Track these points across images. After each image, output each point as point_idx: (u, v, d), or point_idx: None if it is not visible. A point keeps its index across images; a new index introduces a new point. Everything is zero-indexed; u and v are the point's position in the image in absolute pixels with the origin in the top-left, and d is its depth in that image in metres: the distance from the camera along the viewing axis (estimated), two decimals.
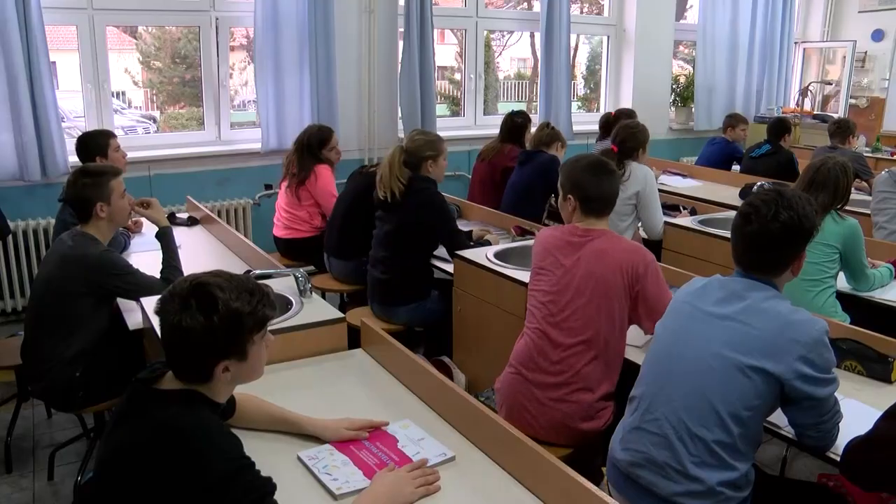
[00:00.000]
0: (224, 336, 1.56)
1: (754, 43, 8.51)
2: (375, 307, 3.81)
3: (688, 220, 4.41)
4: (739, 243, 2.08)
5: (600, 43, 8.02)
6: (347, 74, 5.91)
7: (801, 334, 1.92)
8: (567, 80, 7.05)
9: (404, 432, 2.01)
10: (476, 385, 3.48)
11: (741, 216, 2.07)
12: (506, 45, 8.92)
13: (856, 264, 3.32)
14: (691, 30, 8.27)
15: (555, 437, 2.57)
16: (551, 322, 2.60)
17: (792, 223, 2.00)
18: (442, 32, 8.10)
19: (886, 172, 4.52)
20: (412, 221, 3.66)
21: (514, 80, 9.48)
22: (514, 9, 7.98)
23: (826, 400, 1.95)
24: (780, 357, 1.91)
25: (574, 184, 2.66)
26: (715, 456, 1.97)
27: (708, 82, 8.23)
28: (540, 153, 4.71)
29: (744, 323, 1.98)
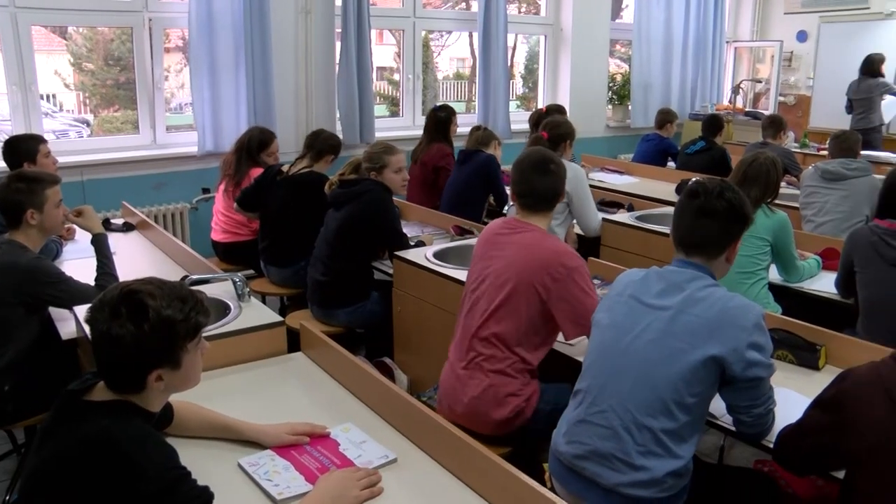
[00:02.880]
0: (156, 344, 1.53)
1: (688, 42, 8.70)
2: (315, 310, 3.79)
3: (625, 217, 4.49)
4: (684, 217, 2.15)
5: (538, 42, 8.10)
6: (285, 76, 5.86)
7: (741, 318, 1.99)
8: (505, 80, 7.10)
9: (346, 436, 2.01)
10: (418, 385, 3.49)
11: (687, 194, 2.17)
12: (445, 45, 8.94)
13: (786, 256, 3.42)
14: (627, 29, 8.40)
15: (475, 425, 2.57)
16: (472, 311, 2.63)
17: (736, 203, 2.11)
18: (380, 33, 8.09)
19: (813, 167, 4.67)
20: (358, 220, 3.66)
21: (454, 80, 9.50)
22: (452, 9, 8.00)
23: (762, 382, 2.02)
24: (724, 340, 1.97)
25: (515, 178, 2.71)
26: (661, 445, 2.01)
27: (644, 80, 8.38)
28: (478, 153, 4.74)
29: (685, 312, 2.04)
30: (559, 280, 2.51)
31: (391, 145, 3.86)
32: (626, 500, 2.02)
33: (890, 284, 2.99)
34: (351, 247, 3.68)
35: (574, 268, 2.54)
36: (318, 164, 4.32)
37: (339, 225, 3.68)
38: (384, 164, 3.74)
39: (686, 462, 2.03)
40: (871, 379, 1.73)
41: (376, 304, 3.76)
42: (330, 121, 6.11)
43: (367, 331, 3.94)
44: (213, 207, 4.91)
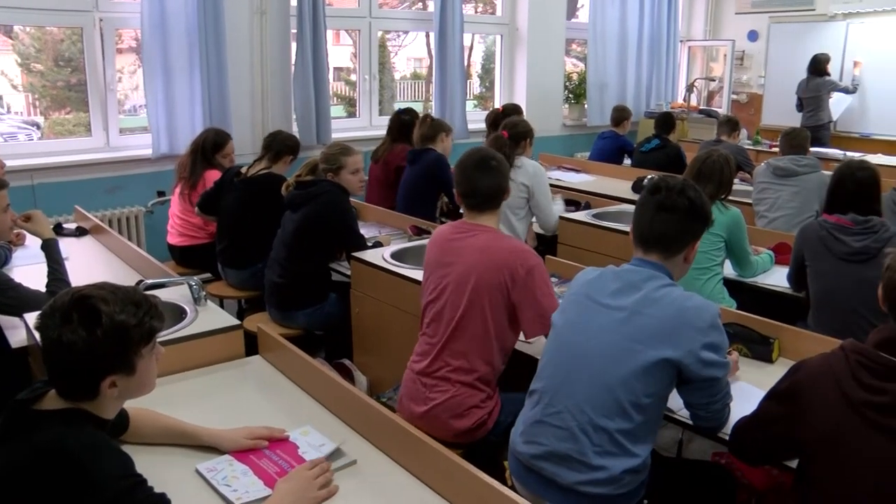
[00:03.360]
0: (109, 350, 1.51)
1: (642, 41, 8.80)
2: (273, 312, 3.76)
3: (582, 215, 4.52)
4: (645, 213, 2.15)
5: (494, 42, 8.12)
6: (240, 77, 5.80)
7: (696, 320, 2.00)
8: (461, 79, 7.12)
9: (305, 439, 2.00)
10: (378, 386, 3.48)
11: (649, 190, 2.16)
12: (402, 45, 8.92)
13: (740, 251, 3.48)
14: (582, 28, 8.47)
15: (435, 431, 2.53)
16: (436, 319, 2.62)
17: (697, 201, 2.12)
18: (337, 33, 8.05)
19: (765, 164, 4.76)
20: (315, 222, 3.64)
21: (411, 80, 9.49)
22: (408, 9, 7.99)
23: (719, 381, 2.04)
24: (679, 343, 1.98)
25: (457, 179, 2.70)
26: (617, 445, 2.02)
27: (599, 79, 8.45)
28: (427, 152, 4.71)
29: (640, 313, 2.04)
30: (519, 280, 2.51)
31: (348, 146, 3.85)
32: (585, 497, 2.04)
33: (839, 277, 3.05)
34: (308, 248, 3.66)
35: (533, 266, 2.54)
36: (276, 165, 4.29)
37: (295, 226, 3.66)
38: (341, 165, 3.73)
39: (643, 459, 2.05)
40: (823, 370, 1.77)
41: (334, 305, 3.74)
42: (286, 122, 6.06)
43: (325, 332, 3.92)
44: (168, 211, 4.84)
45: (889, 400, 1.64)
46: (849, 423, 1.68)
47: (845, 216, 3.11)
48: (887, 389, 1.64)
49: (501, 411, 2.62)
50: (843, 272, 3.04)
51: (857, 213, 3.10)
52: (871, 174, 3.17)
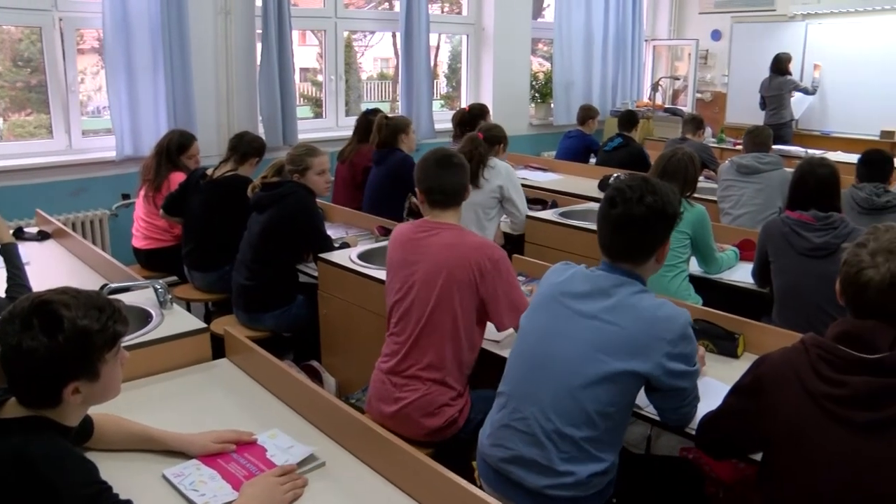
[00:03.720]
0: (72, 356, 1.48)
1: (608, 40, 8.87)
2: (241, 315, 3.74)
3: (549, 213, 4.55)
4: (605, 228, 2.09)
5: (461, 42, 8.13)
6: (205, 78, 5.75)
7: (666, 331, 1.97)
8: (427, 79, 7.12)
9: (273, 442, 1.98)
10: (347, 387, 3.47)
11: (607, 201, 2.08)
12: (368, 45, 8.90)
13: (705, 248, 3.52)
14: (548, 28, 8.51)
15: (403, 429, 2.57)
16: (403, 318, 2.62)
17: (656, 206, 2.02)
18: (303, 34, 8.01)
19: (729, 162, 4.82)
20: (282, 223, 3.62)
21: (378, 81, 9.47)
22: (375, 9, 7.97)
23: (688, 388, 2.05)
24: (648, 355, 1.95)
25: (419, 177, 2.71)
26: (583, 451, 2.02)
27: (565, 78, 8.50)
28: (393, 152, 4.70)
29: (610, 322, 2.00)
30: (487, 274, 2.53)
31: (314, 147, 3.84)
32: (553, 500, 2.04)
33: (801, 273, 3.10)
34: (275, 250, 3.64)
35: (499, 259, 2.57)
36: (242, 167, 4.26)
37: (262, 228, 3.64)
38: (307, 166, 3.72)
39: (610, 463, 2.06)
40: (784, 364, 1.80)
41: (302, 307, 3.73)
42: (252, 123, 6.02)
43: (293, 334, 3.90)
44: (133, 214, 4.79)
45: (848, 392, 1.66)
46: (810, 416, 1.71)
47: (807, 213, 3.16)
48: (846, 382, 1.67)
49: (472, 409, 2.63)
50: (805, 268, 3.08)
51: (818, 209, 3.15)
52: (831, 171, 3.22)
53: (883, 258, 1.70)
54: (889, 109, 8.01)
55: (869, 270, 1.70)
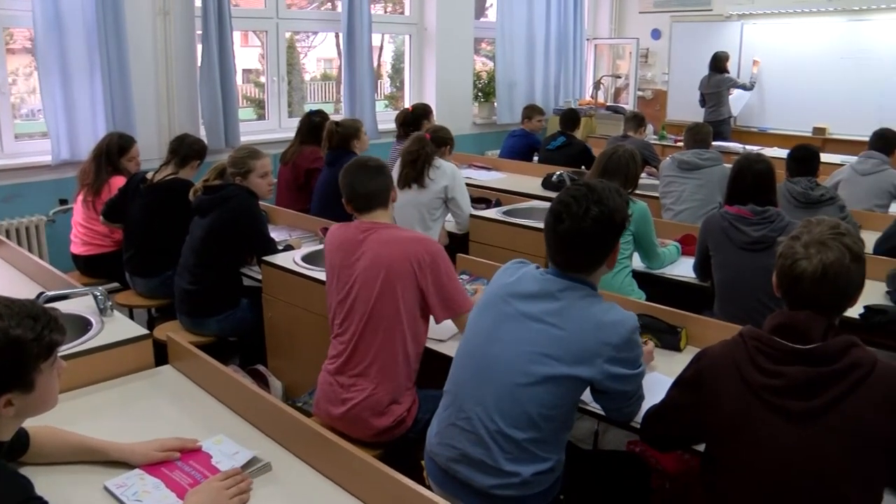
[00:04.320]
0: (4, 367, 1.44)
1: (550, 40, 8.95)
2: (184, 320, 3.68)
3: (493, 212, 4.58)
4: (553, 243, 2.06)
5: (404, 42, 8.12)
6: (144, 79, 5.63)
7: (612, 336, 1.96)
8: (370, 80, 7.09)
9: (218, 448, 1.95)
10: (294, 390, 3.45)
11: (553, 215, 2.04)
12: (311, 45, 8.84)
13: (647, 244, 3.57)
14: (491, 27, 8.55)
15: (352, 430, 2.59)
16: (346, 318, 2.62)
17: (603, 218, 1.99)
18: (245, 34, 7.92)
19: (670, 158, 4.90)
20: (225, 227, 3.57)
21: (321, 81, 9.41)
22: (317, 9, 7.92)
23: (632, 390, 2.07)
24: (592, 361, 1.95)
25: (342, 185, 2.74)
26: (527, 452, 2.03)
27: (508, 77, 8.56)
28: (347, 154, 4.68)
29: (556, 326, 1.99)
30: (425, 267, 2.56)
31: (256, 149, 3.80)
32: (500, 500, 2.05)
33: (741, 267, 3.17)
34: (218, 254, 3.59)
35: (436, 252, 2.60)
36: (183, 170, 4.19)
37: (204, 232, 3.59)
38: (249, 168, 3.68)
39: (556, 461, 2.08)
40: (723, 357, 1.84)
41: (247, 311, 3.69)
42: (193, 125, 5.92)
43: (239, 339, 3.85)
44: (71, 219, 4.67)
45: (785, 383, 1.71)
46: (749, 407, 1.75)
47: (745, 207, 3.23)
48: (783, 373, 1.71)
49: (420, 408, 2.63)
50: (744, 261, 3.15)
51: (755, 203, 3.23)
52: (766, 166, 3.29)
53: (815, 250, 1.74)
54: (820, 107, 8.26)
55: (802, 262, 1.75)
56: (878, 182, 4.70)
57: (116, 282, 4.40)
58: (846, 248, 1.73)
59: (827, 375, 1.68)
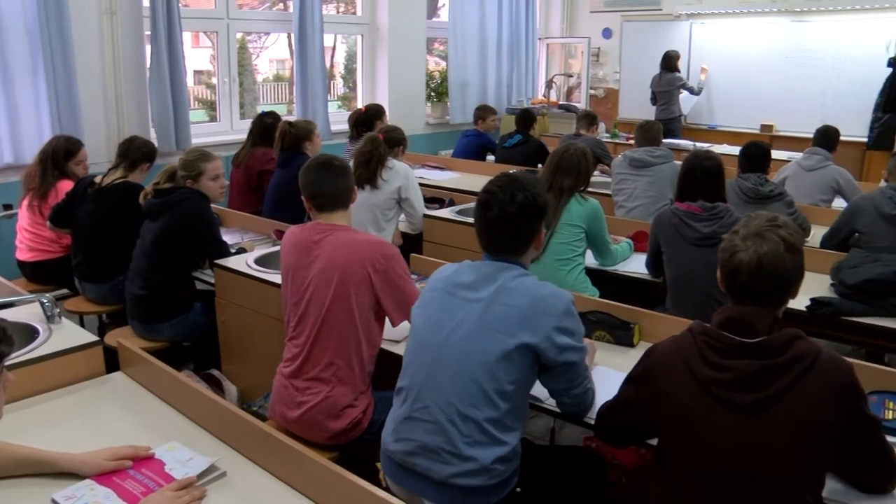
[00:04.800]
0: None
1: (502, 39, 8.99)
2: (136, 326, 3.62)
3: (446, 212, 4.59)
4: (484, 230, 2.19)
5: (356, 42, 8.10)
6: (90, 81, 5.52)
7: (551, 307, 2.06)
8: (323, 80, 7.06)
9: (171, 455, 1.93)
10: (249, 394, 3.42)
11: (481, 204, 2.18)
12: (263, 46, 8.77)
13: (600, 241, 3.60)
14: (443, 27, 8.56)
15: (308, 433, 2.58)
16: (300, 320, 2.61)
17: (527, 202, 2.13)
18: (196, 35, 7.82)
19: (622, 156, 4.96)
20: (176, 230, 3.52)
21: (274, 83, 9.34)
22: (269, 9, 7.85)
23: (577, 365, 2.11)
24: (535, 329, 2.04)
25: (303, 183, 2.72)
26: (486, 433, 2.05)
27: (461, 77, 8.58)
28: (298, 155, 4.66)
29: (498, 303, 2.09)
30: (380, 270, 2.56)
31: (207, 152, 3.75)
32: (459, 490, 2.07)
33: (691, 262, 3.22)
34: (169, 258, 3.54)
35: (391, 255, 2.61)
36: (132, 173, 4.12)
37: (155, 236, 3.53)
38: (200, 171, 3.63)
39: (513, 447, 2.10)
40: (673, 352, 1.87)
41: (200, 315, 3.64)
42: (143, 127, 5.83)
43: (193, 343, 3.80)
44: (16, 225, 4.55)
45: (732, 376, 1.75)
46: (699, 401, 1.78)
47: (695, 204, 3.28)
48: (731, 366, 1.75)
49: (375, 410, 2.63)
50: (694, 257, 3.20)
51: (705, 200, 3.28)
52: (715, 163, 3.35)
53: (752, 242, 1.80)
54: (767, 105, 8.43)
55: (739, 254, 1.80)
56: (823, 178, 4.82)
57: (66, 288, 4.30)
58: (781, 240, 1.79)
59: (773, 368, 1.72)
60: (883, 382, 2.28)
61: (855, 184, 4.84)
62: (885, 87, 7.55)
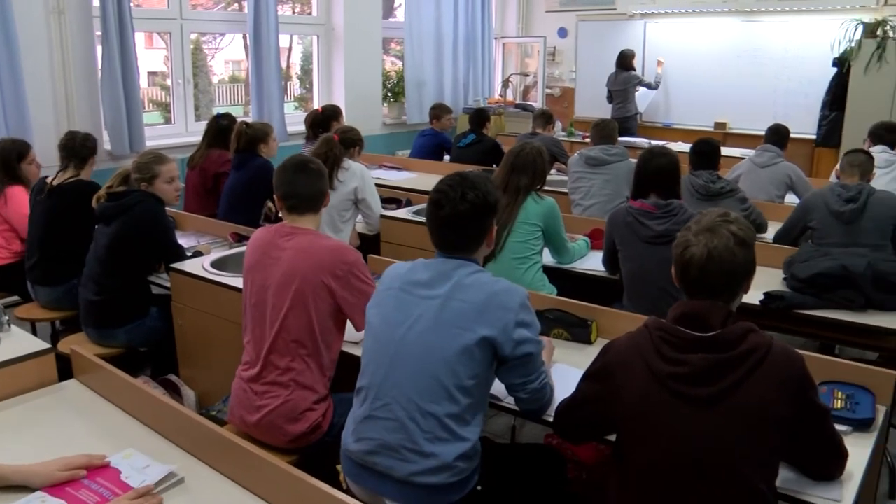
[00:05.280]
0: None
1: (458, 39, 9.02)
2: (91, 332, 3.56)
3: (403, 212, 4.59)
4: (436, 228, 2.20)
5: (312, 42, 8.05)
6: (39, 83, 5.42)
7: (507, 301, 2.09)
8: (278, 81, 7.01)
9: (127, 462, 1.89)
10: (207, 398, 3.39)
11: (432, 203, 2.19)
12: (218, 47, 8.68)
13: (557, 239, 3.63)
14: (399, 27, 8.56)
15: (268, 437, 2.57)
16: (259, 323, 2.60)
17: (478, 201, 2.14)
18: (149, 36, 7.72)
19: (578, 154, 4.99)
20: (130, 234, 3.47)
21: (230, 84, 9.25)
22: (223, 10, 7.77)
23: (534, 358, 2.13)
24: (493, 323, 2.05)
25: (277, 182, 2.71)
26: (446, 429, 2.06)
27: (417, 77, 8.59)
28: (253, 158, 4.62)
29: (455, 299, 2.10)
30: (342, 276, 2.55)
31: (162, 154, 3.70)
32: (421, 488, 2.07)
33: (646, 259, 3.25)
34: (124, 262, 3.48)
35: (353, 262, 2.60)
36: (83, 170, 4.05)
37: (109, 241, 3.47)
38: (155, 174, 3.58)
39: (473, 444, 2.11)
40: (630, 348, 1.90)
41: (156, 319, 3.59)
42: (96, 129, 5.72)
43: (149, 349, 3.75)
44: None
45: (688, 370, 1.78)
46: (656, 396, 1.81)
47: (648, 201, 3.32)
48: (686, 361, 1.78)
49: (335, 412, 2.62)
50: (649, 254, 3.23)
51: (659, 197, 3.31)
52: (669, 160, 3.38)
53: (703, 236, 1.84)
54: (720, 103, 8.58)
55: (691, 248, 1.84)
56: (775, 174, 4.91)
57: (17, 295, 4.22)
58: (732, 234, 1.83)
59: (726, 361, 1.76)
60: (833, 373, 2.34)
61: (806, 179, 4.94)
62: (831, 86, 7.75)
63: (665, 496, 1.82)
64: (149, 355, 3.81)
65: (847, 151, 3.91)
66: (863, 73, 7.39)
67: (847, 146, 6.74)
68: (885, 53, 7.24)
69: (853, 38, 7.53)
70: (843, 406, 2.18)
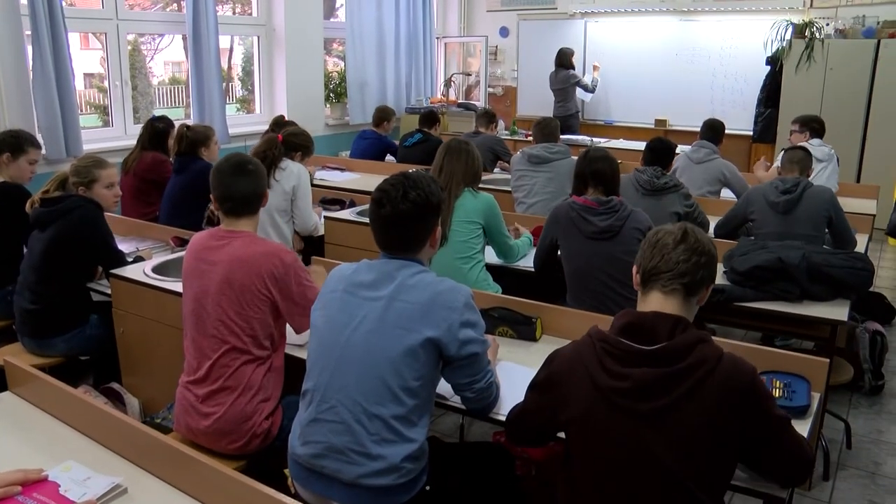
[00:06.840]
0: None
1: (400, 39, 9.02)
2: (27, 342, 3.45)
3: (346, 213, 4.56)
4: (378, 228, 2.19)
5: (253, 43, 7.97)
6: None
7: (451, 301, 2.08)
8: (219, 83, 6.92)
9: (67, 475, 1.84)
10: (151, 406, 3.33)
11: (374, 203, 2.17)
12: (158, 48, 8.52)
13: (497, 235, 3.62)
14: (341, 28, 8.52)
15: (217, 444, 2.54)
16: (200, 330, 2.56)
17: (420, 200, 2.13)
18: (85, 36, 7.54)
19: (520, 153, 5.03)
20: (67, 240, 3.38)
21: (170, 85, 9.09)
22: (162, 10, 7.62)
23: (479, 357, 2.14)
24: (437, 323, 2.05)
25: (213, 184, 2.66)
26: (393, 431, 2.06)
27: (359, 78, 8.56)
28: (194, 160, 4.54)
29: (399, 300, 2.09)
30: (280, 278, 2.53)
31: (101, 158, 3.62)
32: (369, 490, 2.06)
33: (589, 255, 3.27)
34: (61, 269, 3.39)
35: (291, 263, 2.57)
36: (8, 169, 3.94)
37: (45, 247, 3.38)
38: (94, 178, 3.50)
39: (420, 444, 2.11)
40: (573, 359, 1.88)
41: (97, 327, 3.51)
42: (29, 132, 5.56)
43: (91, 357, 3.66)
44: None
45: (630, 385, 1.75)
46: (598, 408, 1.79)
47: (590, 198, 3.35)
48: (629, 375, 1.75)
49: (284, 416, 2.60)
50: (592, 250, 3.26)
51: (599, 194, 3.35)
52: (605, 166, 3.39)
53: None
54: (660, 100, 8.75)
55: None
56: (710, 170, 5.01)
57: None
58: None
59: (671, 375, 1.73)
60: (772, 363, 2.40)
61: (740, 175, 5.04)
62: (765, 84, 7.97)
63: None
64: (90, 364, 3.72)
65: (787, 148, 4.03)
66: (794, 72, 7.63)
67: (782, 142, 6.97)
68: (813, 53, 7.48)
69: (784, 38, 7.75)
70: (781, 395, 2.24)
